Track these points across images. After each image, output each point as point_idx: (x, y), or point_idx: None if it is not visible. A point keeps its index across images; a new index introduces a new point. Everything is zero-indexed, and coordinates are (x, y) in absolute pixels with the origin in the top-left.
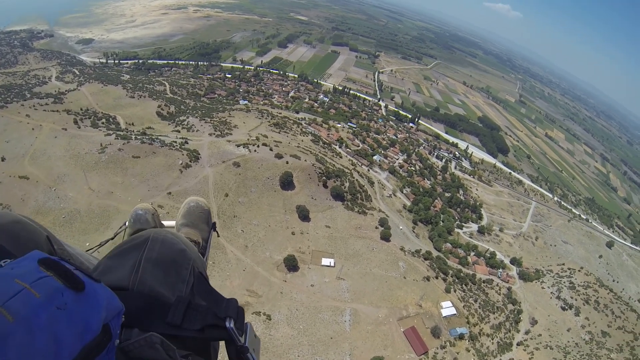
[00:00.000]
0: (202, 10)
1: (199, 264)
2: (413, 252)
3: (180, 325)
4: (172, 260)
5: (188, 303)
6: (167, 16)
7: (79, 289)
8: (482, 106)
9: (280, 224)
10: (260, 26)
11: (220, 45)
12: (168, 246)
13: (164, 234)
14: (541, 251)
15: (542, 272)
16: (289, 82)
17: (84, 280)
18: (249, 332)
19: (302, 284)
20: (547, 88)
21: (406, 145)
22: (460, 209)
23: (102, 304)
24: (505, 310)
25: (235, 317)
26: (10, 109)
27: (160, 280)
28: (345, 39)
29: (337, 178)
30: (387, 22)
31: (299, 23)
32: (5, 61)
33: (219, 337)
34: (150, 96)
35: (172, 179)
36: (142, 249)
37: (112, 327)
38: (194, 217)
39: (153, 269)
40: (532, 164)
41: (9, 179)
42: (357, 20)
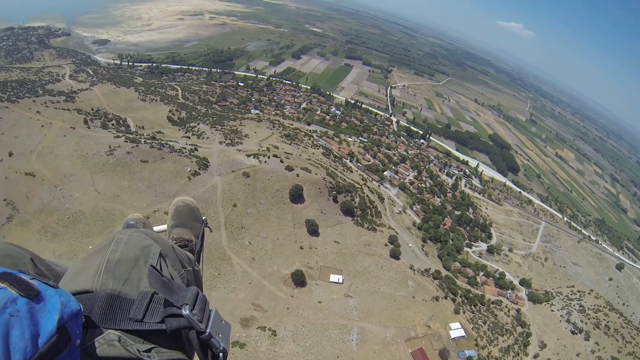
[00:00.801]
0: (217, 18)
1: (172, 257)
2: (422, 271)
3: (142, 319)
4: (134, 258)
5: (150, 297)
6: (183, 22)
7: (32, 295)
8: (493, 124)
9: (289, 238)
10: (274, 36)
11: (234, 53)
12: (132, 245)
13: (129, 234)
14: (550, 272)
15: (552, 294)
16: (301, 93)
17: (39, 287)
18: (213, 317)
19: (309, 300)
20: (558, 107)
21: (417, 162)
22: (469, 227)
23: (57, 307)
24: (514, 333)
25: (192, 304)
26: (22, 104)
27: (124, 279)
28: (359, 52)
29: (348, 193)
30: (400, 37)
31: (313, 35)
32: (21, 56)
33: (178, 325)
34: (162, 100)
35: (179, 186)
36: (106, 251)
37: (70, 328)
38: (183, 216)
39: (115, 269)
40: (542, 183)
41: (15, 175)
42: (371, 34)
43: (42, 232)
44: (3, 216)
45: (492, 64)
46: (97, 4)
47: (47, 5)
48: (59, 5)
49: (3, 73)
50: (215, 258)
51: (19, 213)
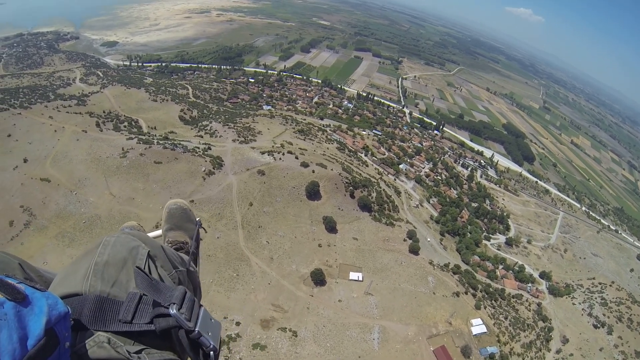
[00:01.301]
0: (225, 14)
1: (162, 258)
2: (442, 266)
3: (131, 321)
4: (123, 260)
5: (139, 298)
6: (190, 20)
7: (19, 299)
8: (506, 113)
9: (307, 236)
10: (283, 31)
11: (243, 49)
12: (119, 246)
13: (117, 236)
14: (570, 264)
15: (572, 286)
16: (312, 87)
17: (26, 291)
18: (202, 316)
19: (329, 299)
20: (571, 94)
21: (432, 154)
22: (487, 219)
23: (44, 310)
24: (536, 328)
25: (180, 303)
26: (34, 110)
27: (112, 281)
28: (368, 44)
29: (364, 188)
30: (409, 27)
31: (321, 28)
32: (32, 62)
33: (167, 325)
34: (173, 100)
35: (194, 186)
36: (94, 253)
37: (58, 331)
38: (176, 218)
39: (104, 271)
40: (559, 172)
41: (30, 181)
42: (379, 25)
43: (59, 237)
44: (21, 223)
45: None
46: (104, 7)
47: (54, 11)
48: (67, 10)
49: (15, 79)
50: (233, 259)
51: (36, 219)
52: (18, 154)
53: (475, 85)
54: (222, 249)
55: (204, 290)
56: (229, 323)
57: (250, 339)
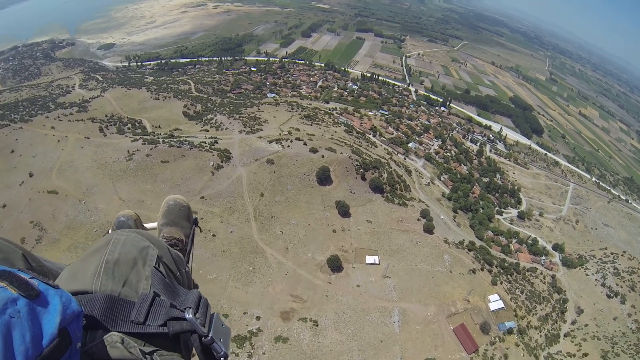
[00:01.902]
0: (221, 6)
1: (168, 259)
2: (457, 243)
3: (144, 322)
4: (133, 259)
5: (152, 299)
6: (186, 14)
7: (33, 296)
8: (513, 86)
9: (320, 222)
10: (282, 17)
11: (243, 39)
12: (129, 246)
13: (126, 234)
14: (582, 235)
15: (585, 257)
16: (315, 71)
17: (39, 287)
18: (214, 322)
19: (347, 285)
20: (578, 64)
21: (440, 130)
22: (498, 194)
23: (58, 308)
24: (551, 300)
25: (195, 308)
26: (35, 122)
27: (123, 280)
28: (370, 24)
29: (375, 169)
30: (410, 5)
31: (320, 11)
32: (29, 74)
33: (181, 329)
34: (175, 96)
35: (204, 182)
36: (104, 251)
37: (71, 330)
38: (174, 215)
39: (114, 270)
40: (568, 143)
41: (38, 195)
42: (379, 5)
43: (72, 249)
44: (32, 239)
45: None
46: (98, 9)
47: (47, 19)
48: (60, 17)
49: (13, 93)
50: (248, 252)
51: (47, 233)
52: (23, 169)
53: (480, 59)
54: (236, 243)
55: (222, 287)
56: (249, 318)
57: (272, 333)
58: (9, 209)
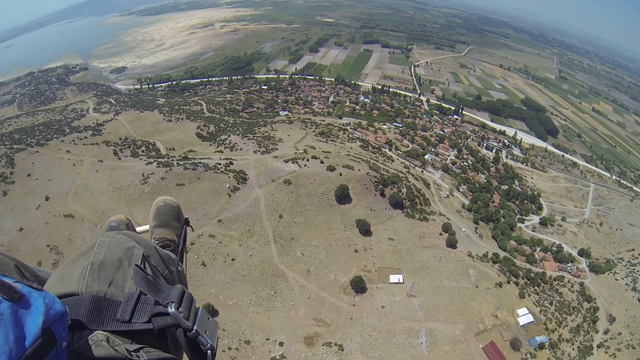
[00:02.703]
0: (228, 25)
1: (155, 258)
2: (481, 256)
3: (130, 320)
4: (118, 260)
5: (137, 297)
6: (194, 35)
7: (15, 298)
8: (523, 88)
9: (342, 242)
10: (288, 33)
11: (252, 57)
12: (115, 246)
13: (112, 236)
14: (608, 237)
15: (613, 261)
16: (326, 86)
17: (23, 290)
18: (200, 315)
19: (372, 307)
20: (586, 59)
21: (455, 140)
22: (518, 201)
23: (41, 309)
24: (582, 310)
25: (178, 302)
26: (51, 146)
27: (109, 281)
28: (376, 36)
29: (394, 185)
30: (413, 13)
31: (326, 26)
32: (45, 98)
33: (165, 324)
34: (188, 117)
35: (220, 205)
36: (90, 254)
37: (55, 330)
38: (164, 216)
39: (100, 271)
40: (584, 142)
41: (54, 219)
42: (383, 15)
43: None
44: (49, 262)
45: (510, 24)
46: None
47: (61, 46)
48: (72, 43)
49: (30, 118)
50: (269, 276)
51: (64, 257)
52: (39, 193)
53: (487, 63)
54: (256, 267)
55: (243, 312)
56: (272, 344)
57: (296, 359)
58: (26, 232)
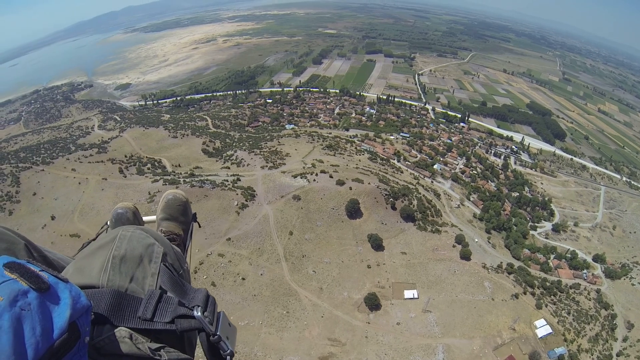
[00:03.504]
0: (231, 39)
1: (172, 257)
2: (496, 267)
3: (152, 318)
4: (139, 256)
5: (159, 296)
6: (197, 50)
7: (43, 289)
8: (528, 92)
9: (354, 258)
10: (291, 46)
11: (255, 71)
12: (135, 242)
13: (132, 230)
14: (622, 241)
15: (629, 266)
16: (331, 98)
17: (50, 280)
18: (221, 320)
19: (387, 324)
20: (588, 59)
21: (462, 148)
22: (530, 208)
23: (68, 302)
24: (599, 318)
25: (204, 306)
26: (57, 165)
27: (130, 276)
28: (378, 45)
29: (404, 197)
30: (414, 21)
31: (329, 37)
32: (50, 116)
33: (189, 327)
34: (193, 133)
35: (229, 223)
36: (110, 247)
37: (80, 324)
38: (173, 209)
39: (121, 265)
40: (592, 144)
41: (60, 239)
42: (385, 25)
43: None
44: None
45: (511, 28)
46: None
47: (65, 64)
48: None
49: (35, 136)
50: (281, 295)
51: None
52: (45, 212)
53: (491, 68)
54: (267, 286)
55: (255, 333)
56: None
57: None
58: None
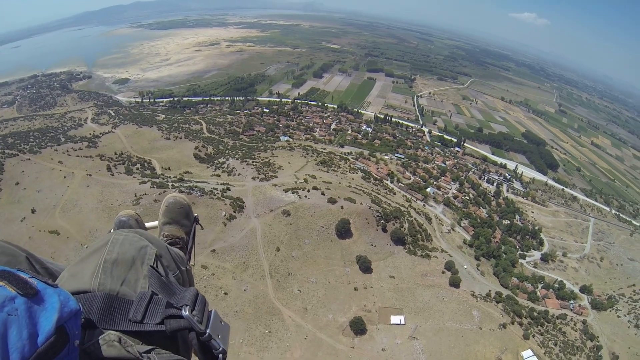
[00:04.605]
0: (234, 45)
1: (167, 258)
2: (484, 296)
3: (142, 320)
4: (131, 259)
5: (150, 298)
6: (200, 53)
7: (31, 294)
8: (524, 121)
9: (341, 279)
10: (293, 57)
11: (255, 79)
12: (128, 245)
13: (125, 234)
14: (608, 273)
15: (615, 297)
16: (328, 113)
17: (38, 286)
18: (212, 318)
19: (372, 349)
20: (584, 93)
21: (456, 173)
22: (520, 236)
23: (56, 306)
24: (585, 349)
25: (192, 305)
26: (44, 155)
27: (121, 279)
28: (380, 64)
29: (396, 219)
30: (417, 43)
31: (331, 52)
32: (45, 103)
33: (178, 326)
34: (187, 137)
35: (215, 234)
36: (102, 251)
37: (69, 328)
38: (174, 213)
39: (113, 269)
40: (583, 176)
41: (38, 234)
42: (388, 44)
43: None
44: None
45: (512, 58)
46: (116, 45)
47: (68, 52)
48: (80, 50)
49: (27, 122)
50: (264, 313)
51: None
52: (26, 204)
53: (489, 95)
54: (250, 302)
55: (234, 352)
56: None
57: None
58: None
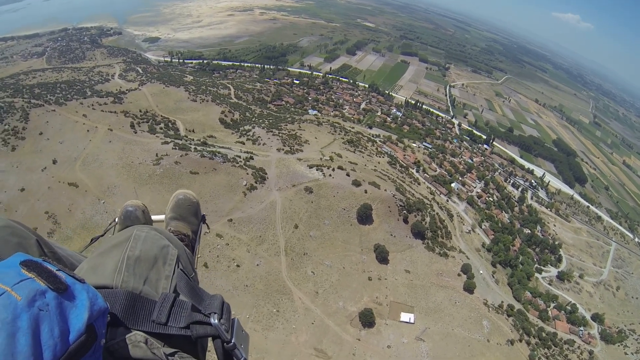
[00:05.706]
0: (268, 13)
1: (184, 259)
2: (497, 307)
3: (166, 323)
4: (154, 257)
5: (173, 300)
6: (233, 17)
7: (61, 289)
8: (556, 127)
9: (356, 266)
10: (327, 31)
11: (287, 49)
12: (150, 243)
13: (147, 231)
14: (622, 304)
15: (625, 332)
16: (359, 92)
17: (67, 280)
18: (236, 327)
19: (377, 344)
20: (622, 108)
21: (482, 171)
22: (539, 249)
23: (86, 304)
24: None
25: (220, 313)
26: (69, 107)
27: (144, 278)
28: (414, 48)
29: (418, 212)
30: (454, 31)
31: (366, 30)
32: (74, 56)
33: (205, 333)
34: (214, 100)
35: (234, 203)
36: (124, 247)
37: (97, 327)
38: (183, 210)
39: (135, 266)
40: (611, 196)
41: (58, 185)
42: (424, 29)
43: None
44: (44, 230)
45: (550, 59)
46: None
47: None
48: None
49: (55, 73)
50: (274, 291)
51: (61, 228)
52: (48, 154)
53: (523, 95)
54: (262, 278)
55: None
56: None
57: None
58: (27, 194)
